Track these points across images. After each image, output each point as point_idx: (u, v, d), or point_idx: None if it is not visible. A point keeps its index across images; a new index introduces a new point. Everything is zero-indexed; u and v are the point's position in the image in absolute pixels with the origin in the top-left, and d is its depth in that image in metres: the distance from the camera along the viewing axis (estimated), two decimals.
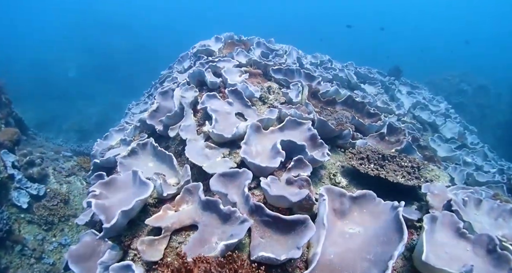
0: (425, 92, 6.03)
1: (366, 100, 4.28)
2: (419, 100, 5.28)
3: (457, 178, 3.87)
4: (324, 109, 3.56)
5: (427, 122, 5.01)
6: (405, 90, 5.66)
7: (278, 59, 3.90)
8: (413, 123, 4.55)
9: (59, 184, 4.38)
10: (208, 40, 4.22)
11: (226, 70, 3.14)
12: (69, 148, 5.24)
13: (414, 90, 5.79)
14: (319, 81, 3.78)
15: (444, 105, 5.76)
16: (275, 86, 3.36)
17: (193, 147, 2.51)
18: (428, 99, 5.62)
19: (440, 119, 5.20)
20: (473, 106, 8.20)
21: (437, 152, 4.42)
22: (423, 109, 5.19)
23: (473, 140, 5.34)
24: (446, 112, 5.53)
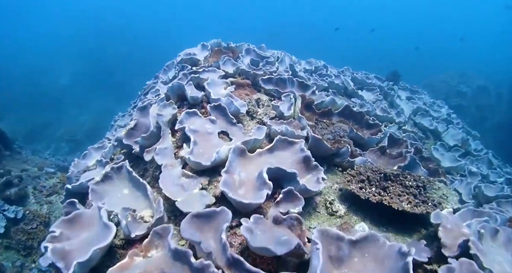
0: (425, 97, 5.66)
1: (365, 109, 3.93)
2: (420, 106, 4.92)
3: (464, 192, 3.51)
4: (320, 122, 3.20)
5: (429, 129, 4.65)
6: (405, 95, 5.30)
7: (269, 67, 3.54)
8: (414, 132, 4.19)
9: (39, 204, 4.02)
10: (194, 47, 3.85)
11: (209, 82, 2.77)
12: (54, 163, 4.89)
13: (413, 95, 5.43)
14: (314, 90, 3.41)
15: (445, 110, 5.40)
16: (265, 98, 3.00)
17: (169, 175, 2.14)
18: (429, 104, 5.26)
19: (442, 125, 4.84)
20: (473, 108, 7.85)
21: (441, 162, 4.06)
22: (424, 116, 4.83)
23: (476, 147, 4.98)
24: (448, 118, 5.17)
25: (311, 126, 2.99)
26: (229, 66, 3.30)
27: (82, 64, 13.98)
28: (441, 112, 5.18)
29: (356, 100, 4.17)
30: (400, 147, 3.58)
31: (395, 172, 2.61)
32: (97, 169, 3.00)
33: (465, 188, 3.62)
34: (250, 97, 3.02)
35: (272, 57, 3.79)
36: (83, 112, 10.56)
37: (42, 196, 4.03)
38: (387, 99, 4.99)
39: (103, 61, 14.53)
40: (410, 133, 4.04)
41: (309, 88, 3.44)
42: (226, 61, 3.31)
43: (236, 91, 3.04)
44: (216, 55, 3.54)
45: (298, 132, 2.51)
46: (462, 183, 3.68)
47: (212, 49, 3.67)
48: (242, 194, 1.90)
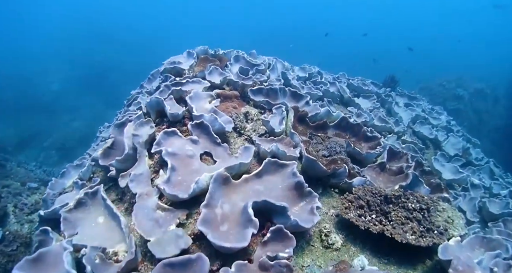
0: (424, 103, 5.42)
1: (362, 119, 3.66)
2: (418, 114, 4.67)
3: (469, 209, 3.28)
4: (314, 136, 2.92)
5: (429, 138, 4.40)
6: (403, 102, 5.05)
7: (260, 75, 3.26)
8: (414, 142, 3.93)
9: (19, 224, 3.70)
10: (179, 55, 3.56)
11: (192, 96, 2.49)
12: (38, 177, 4.56)
13: (412, 101, 5.18)
14: (308, 100, 3.14)
15: (445, 117, 5.16)
16: (254, 112, 2.71)
17: (143, 206, 1.86)
18: (428, 111, 5.02)
19: (442, 134, 4.59)
20: (470, 111, 7.64)
21: (442, 174, 3.81)
22: (423, 123, 4.58)
23: (477, 155, 4.75)
24: (447, 125, 4.93)
25: (304, 141, 2.72)
26: (216, 76, 3.02)
27: (74, 69, 13.46)
28: (440, 119, 4.94)
29: (353, 109, 3.91)
30: (400, 161, 3.33)
31: (396, 193, 2.35)
32: (74, 191, 2.70)
33: (468, 204, 3.38)
34: (238, 110, 2.74)
35: (263, 64, 3.51)
36: (76, 117, 10.14)
37: (23, 215, 3.71)
38: (384, 106, 4.73)
39: (94, 66, 14.04)
40: (410, 144, 3.79)
41: (303, 98, 3.17)
42: (212, 70, 3.02)
43: (223, 104, 2.76)
44: (202, 63, 3.25)
45: (290, 152, 2.23)
46: (466, 198, 3.44)
47: (198, 57, 3.38)
48: (225, 231, 1.62)
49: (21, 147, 7.85)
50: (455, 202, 3.26)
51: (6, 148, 6.78)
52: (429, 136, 4.39)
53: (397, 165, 3.27)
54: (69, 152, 7.58)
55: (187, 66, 3.21)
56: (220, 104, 2.75)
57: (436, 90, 8.15)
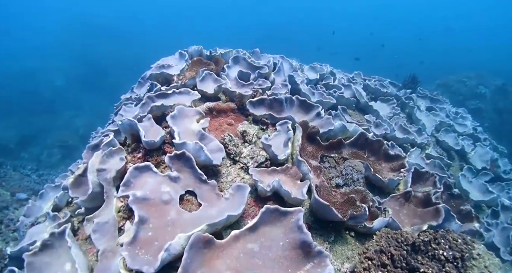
0: (447, 106, 4.68)
1: (381, 130, 3.03)
2: (443, 120, 3.97)
3: (501, 242, 2.68)
4: (327, 157, 2.34)
5: (454, 149, 3.73)
6: (424, 105, 4.33)
7: (262, 81, 2.64)
8: (441, 157, 3.29)
9: (4, 242, 3.34)
10: (171, 56, 2.96)
11: (176, 114, 1.92)
12: (29, 186, 4.17)
13: (434, 104, 4.45)
14: (319, 111, 2.53)
15: (471, 123, 4.42)
16: (253, 131, 2.13)
17: (105, 269, 1.36)
18: (452, 116, 4.29)
19: (468, 143, 3.91)
20: (491, 111, 6.78)
21: (470, 194, 3.19)
22: (448, 131, 3.90)
23: (505, 168, 4.06)
24: (474, 133, 4.21)
25: (315, 168, 2.14)
26: (209, 83, 2.42)
27: (76, 65, 12.87)
28: (466, 126, 4.22)
29: (370, 117, 3.26)
30: (426, 183, 2.75)
31: (425, 237, 1.81)
32: (46, 223, 2.25)
33: (501, 235, 2.78)
34: (234, 128, 2.16)
35: (267, 66, 2.88)
36: (78, 114, 9.70)
37: (9, 232, 3.34)
38: (404, 111, 4.04)
39: (97, 62, 13.38)
40: (436, 160, 3.15)
41: (313, 108, 2.55)
42: (205, 77, 2.43)
43: (216, 121, 2.18)
44: (194, 67, 2.65)
45: (297, 194, 1.67)
46: (497, 228, 2.84)
47: (191, 59, 2.77)
48: None
49: (23, 145, 7.54)
50: (488, 236, 2.67)
51: (9, 146, 6.48)
52: (454, 146, 3.72)
53: (423, 189, 2.70)
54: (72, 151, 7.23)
55: (177, 71, 2.62)
56: (212, 120, 2.18)
57: (456, 87, 7.26)
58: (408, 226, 2.25)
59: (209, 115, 2.19)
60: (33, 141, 7.65)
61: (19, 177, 4.12)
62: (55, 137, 7.68)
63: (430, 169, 3.25)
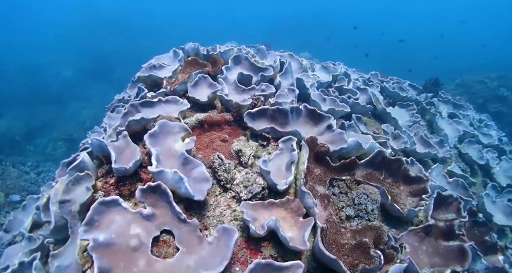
0: (471, 112, 4.10)
1: (400, 145, 2.56)
2: (467, 130, 3.43)
3: None
4: (337, 181, 1.91)
5: (478, 164, 3.22)
6: (446, 111, 3.78)
7: (266, 86, 2.20)
8: (465, 176, 2.81)
9: None
10: (165, 54, 2.53)
11: (156, 131, 1.53)
12: (23, 187, 3.93)
13: (457, 110, 3.88)
14: (330, 123, 2.08)
15: (496, 133, 3.85)
16: (249, 151, 1.72)
17: None
18: (477, 125, 3.73)
19: (493, 156, 3.39)
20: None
21: (494, 217, 2.73)
22: (472, 143, 3.37)
23: None
24: (499, 144, 3.66)
25: (321, 197, 1.73)
26: (203, 89, 2.00)
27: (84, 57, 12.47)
28: (491, 136, 3.67)
29: (388, 126, 2.77)
30: (449, 209, 2.32)
31: None
32: (22, 243, 1.95)
33: None
34: (228, 146, 1.76)
35: (272, 68, 2.42)
36: (86, 106, 9.44)
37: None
38: (424, 117, 3.52)
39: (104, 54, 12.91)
40: (459, 179, 2.67)
41: (324, 119, 2.11)
42: (198, 81, 2.01)
43: (207, 136, 1.78)
44: (188, 68, 2.22)
45: (296, 242, 1.27)
46: None
47: (186, 58, 2.34)
48: None
49: (30, 137, 7.39)
50: None
51: (15, 138, 6.31)
52: (479, 161, 3.21)
53: (446, 217, 2.27)
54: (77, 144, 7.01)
55: (169, 72, 2.20)
56: (203, 135, 1.77)
57: (476, 88, 6.54)
58: (428, 267, 1.84)
59: (199, 130, 1.78)
60: (40, 133, 7.50)
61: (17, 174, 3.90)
62: (61, 130, 7.49)
63: (452, 189, 2.79)
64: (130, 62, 12.65)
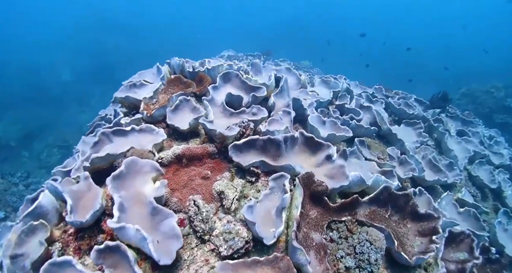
0: (481, 129, 3.78)
1: (408, 172, 2.27)
2: (477, 150, 3.11)
3: None
4: (336, 223, 1.62)
5: (490, 187, 2.90)
6: (455, 128, 3.46)
7: (257, 109, 1.91)
8: (477, 205, 2.50)
9: None
10: (150, 70, 2.26)
11: (123, 172, 1.25)
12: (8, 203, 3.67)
13: (466, 127, 3.57)
14: (329, 154, 1.79)
15: (507, 152, 3.52)
16: (233, 194, 1.43)
17: None
18: (487, 143, 3.40)
19: (504, 177, 3.08)
20: None
21: (506, 248, 2.43)
22: (482, 164, 3.07)
23: None
24: (511, 164, 3.34)
25: (317, 248, 1.44)
26: (184, 114, 1.73)
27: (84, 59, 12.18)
28: (502, 155, 3.35)
29: (394, 150, 2.47)
30: (460, 246, 2.05)
31: None
32: None
33: None
34: (210, 184, 1.48)
35: (265, 87, 2.14)
36: (84, 110, 9.21)
37: None
38: (432, 135, 3.21)
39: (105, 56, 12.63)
40: (471, 209, 2.37)
41: (322, 148, 1.82)
42: (179, 105, 1.73)
43: (185, 172, 1.50)
44: (171, 87, 1.95)
45: None
46: None
47: (172, 74, 2.06)
48: None
49: (26, 142, 7.13)
50: None
51: (9, 144, 6.08)
52: (490, 184, 2.89)
53: (457, 256, 1.99)
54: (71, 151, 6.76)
55: (150, 92, 1.92)
56: (181, 172, 1.50)
57: (482, 98, 6.19)
58: None
59: (176, 165, 1.50)
60: (36, 138, 7.26)
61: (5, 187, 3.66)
62: (57, 135, 7.24)
63: (463, 219, 2.49)
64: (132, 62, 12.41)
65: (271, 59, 5.55)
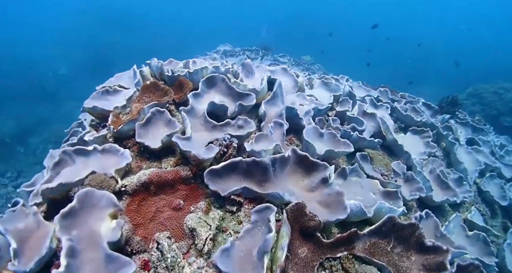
0: (492, 137, 3.44)
1: (414, 193, 1.98)
2: (488, 163, 2.80)
3: None
4: (330, 261, 1.36)
5: (500, 205, 2.62)
6: (465, 136, 3.14)
7: (244, 122, 1.62)
8: (486, 228, 2.23)
9: None
10: (127, 72, 1.96)
11: (75, 208, 0.99)
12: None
13: (477, 134, 3.24)
14: (326, 177, 1.51)
15: None
16: (206, 233, 1.16)
17: None
18: (499, 154, 3.08)
19: None
20: None
21: None
22: (493, 177, 2.77)
23: None
24: None
25: None
26: (158, 128, 1.44)
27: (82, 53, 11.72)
28: None
29: (399, 164, 2.16)
30: None
31: None
32: None
33: None
34: (181, 218, 1.22)
35: (254, 92, 1.83)
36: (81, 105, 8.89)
37: None
38: (440, 144, 2.90)
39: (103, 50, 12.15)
40: (480, 233, 2.09)
41: (317, 169, 1.54)
42: (151, 118, 1.44)
43: (153, 202, 1.24)
44: (146, 94, 1.65)
45: None
46: None
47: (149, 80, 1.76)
48: None
49: (21, 137, 6.90)
50: None
51: (4, 140, 5.85)
52: (500, 201, 2.60)
53: None
54: None
55: (123, 101, 1.63)
56: (148, 202, 1.23)
57: (489, 99, 5.77)
58: None
59: (143, 194, 1.23)
60: (32, 132, 7.03)
61: None
62: (52, 131, 7.01)
63: (471, 244, 2.22)
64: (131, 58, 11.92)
65: (270, 54, 5.17)
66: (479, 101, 5.88)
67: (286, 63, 5.07)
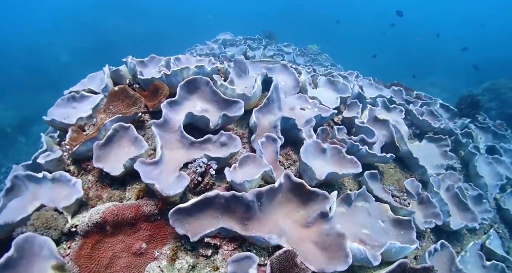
0: None
1: (430, 221, 1.67)
2: (510, 176, 2.40)
3: None
4: None
5: None
6: (484, 142, 2.72)
7: (228, 139, 1.30)
8: (505, 257, 1.91)
9: None
10: (99, 72, 1.63)
11: (12, 259, 0.72)
12: None
13: (498, 141, 2.81)
14: (325, 210, 1.20)
15: None
16: None
17: None
18: None
19: None
20: None
21: None
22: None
23: None
24: None
25: None
26: (121, 148, 1.15)
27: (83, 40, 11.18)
28: None
29: (414, 183, 1.82)
30: None
31: None
32: None
33: None
34: (142, 266, 0.95)
35: (244, 99, 1.49)
36: None
37: None
38: (458, 152, 2.50)
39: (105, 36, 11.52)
40: (499, 264, 1.78)
41: (316, 200, 1.27)
42: (113, 136, 1.14)
43: (110, 244, 0.98)
44: (113, 103, 1.34)
45: None
46: None
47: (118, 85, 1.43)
48: None
49: (22, 127, 6.72)
50: None
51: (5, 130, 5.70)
52: None
53: None
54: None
55: (89, 110, 1.32)
56: (104, 244, 0.97)
57: (508, 95, 5.14)
58: None
59: (97, 235, 0.97)
60: (33, 123, 6.87)
61: None
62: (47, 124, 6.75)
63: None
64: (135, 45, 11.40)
65: (274, 43, 4.66)
66: (496, 97, 5.27)
67: (291, 53, 4.58)
